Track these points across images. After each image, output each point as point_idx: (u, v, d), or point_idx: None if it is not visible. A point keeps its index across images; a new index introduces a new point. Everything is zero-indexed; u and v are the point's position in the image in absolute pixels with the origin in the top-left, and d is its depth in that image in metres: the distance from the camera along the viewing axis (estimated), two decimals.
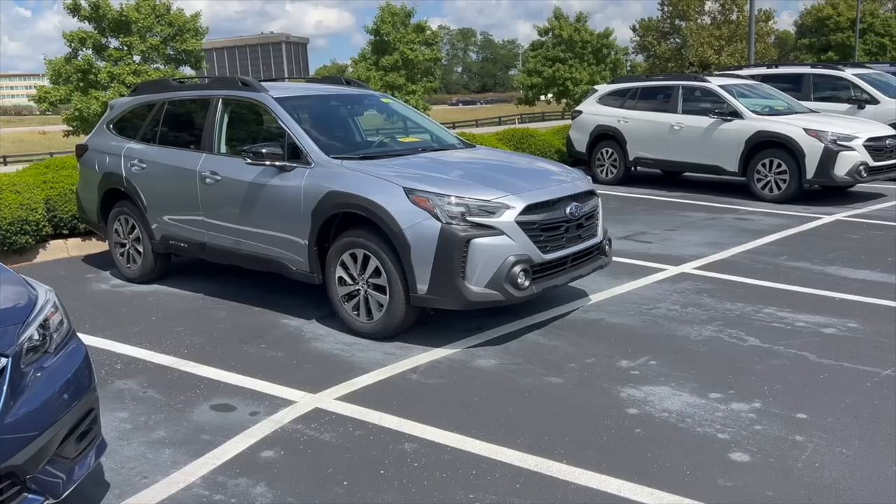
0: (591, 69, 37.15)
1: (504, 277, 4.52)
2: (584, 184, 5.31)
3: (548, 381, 4.17)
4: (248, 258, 5.60)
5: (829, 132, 9.58)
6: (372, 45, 33.50)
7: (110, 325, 5.40)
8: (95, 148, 6.84)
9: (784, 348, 4.58)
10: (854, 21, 43.13)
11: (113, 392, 4.18)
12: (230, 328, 5.26)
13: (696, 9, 48.07)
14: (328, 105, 6.19)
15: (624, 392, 3.99)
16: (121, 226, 6.60)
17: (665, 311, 5.38)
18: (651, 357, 4.48)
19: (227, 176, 5.59)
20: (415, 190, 4.64)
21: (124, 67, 22.56)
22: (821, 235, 7.88)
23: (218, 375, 4.38)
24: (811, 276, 6.24)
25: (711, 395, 3.93)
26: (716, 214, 9.17)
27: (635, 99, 11.78)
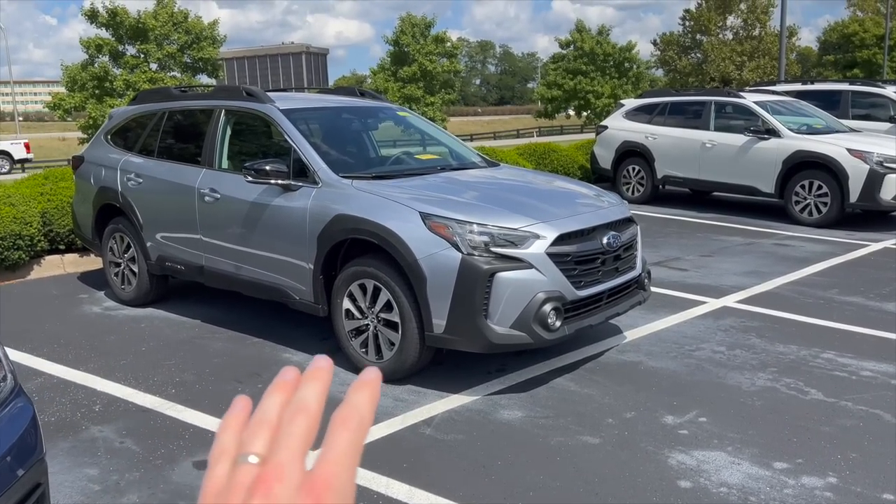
0: (613, 83, 36.61)
1: (532, 317, 3.98)
2: (621, 210, 4.77)
3: (583, 440, 3.62)
4: (248, 284, 5.10)
5: (875, 153, 8.97)
6: (391, 56, 33.18)
7: (95, 356, 4.91)
8: (92, 160, 6.40)
9: (853, 404, 3.99)
10: (881, 38, 42.30)
11: (86, 441, 3.68)
12: (226, 363, 4.75)
13: (718, 24, 47.42)
14: (339, 118, 5.70)
15: (672, 458, 3.43)
16: (116, 244, 6.14)
17: (710, 353, 4.81)
18: (700, 412, 3.91)
19: (227, 194, 5.10)
20: (433, 215, 4.13)
21: (140, 75, 22.28)
22: (871, 266, 7.26)
23: (206, 422, 3.87)
24: (869, 313, 5.64)
25: (776, 464, 3.35)
26: (753, 239, 8.58)
27: (664, 115, 11.21)
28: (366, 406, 0.45)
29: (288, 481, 0.42)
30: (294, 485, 0.42)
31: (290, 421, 0.44)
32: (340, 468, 0.42)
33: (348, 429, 0.43)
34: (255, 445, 0.44)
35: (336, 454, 0.43)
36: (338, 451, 0.43)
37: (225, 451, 0.45)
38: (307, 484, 0.42)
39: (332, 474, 0.42)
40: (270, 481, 0.42)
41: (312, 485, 0.42)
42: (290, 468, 0.42)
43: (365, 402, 0.45)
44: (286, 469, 0.42)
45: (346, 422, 0.44)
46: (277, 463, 0.43)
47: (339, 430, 0.43)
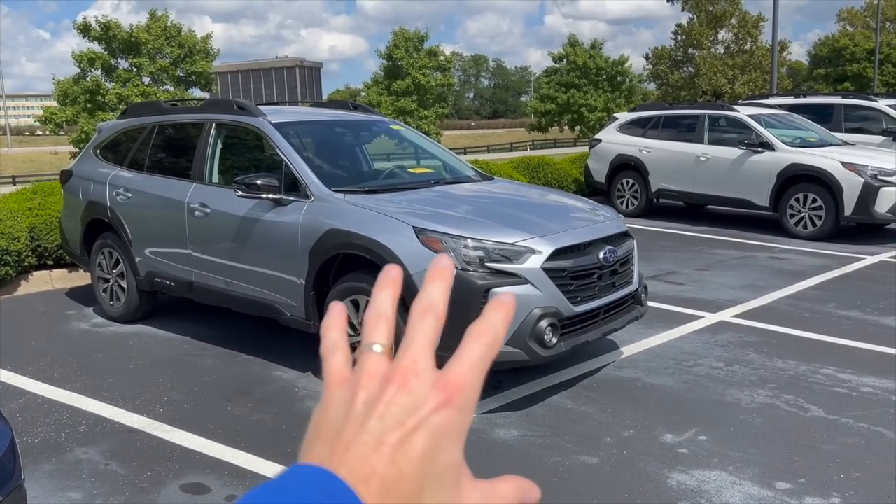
0: (606, 96, 36.73)
1: (528, 334, 3.91)
2: (617, 224, 4.71)
3: (581, 460, 3.53)
4: (238, 300, 5.01)
5: (869, 166, 8.96)
6: (384, 70, 33.22)
7: (82, 375, 4.80)
8: (80, 174, 6.31)
9: (854, 422, 3.92)
10: (871, 52, 42.67)
11: (70, 464, 3.57)
12: (215, 381, 4.65)
13: (710, 38, 47.77)
14: (332, 132, 5.64)
15: (672, 478, 3.35)
16: (104, 259, 6.04)
17: (708, 369, 4.74)
18: (699, 430, 3.83)
19: (217, 209, 5.02)
20: (426, 230, 4.06)
21: (132, 89, 22.20)
22: (867, 279, 7.22)
23: (194, 443, 3.77)
24: (867, 328, 5.58)
25: (779, 484, 3.28)
26: (748, 252, 8.53)
27: (658, 128, 11.20)
28: (501, 325, 0.45)
29: (423, 376, 0.43)
30: (428, 380, 0.43)
31: (420, 318, 0.45)
32: (472, 375, 0.43)
33: (483, 342, 0.44)
34: (377, 336, 0.46)
35: (469, 361, 0.44)
36: (471, 359, 0.44)
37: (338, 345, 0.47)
38: (441, 382, 0.43)
39: (464, 378, 0.43)
40: (407, 373, 0.43)
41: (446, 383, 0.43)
42: (423, 364, 0.43)
43: (500, 322, 0.45)
44: (420, 364, 0.43)
45: (483, 335, 0.44)
46: (412, 357, 0.44)
47: (475, 340, 0.44)
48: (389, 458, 0.41)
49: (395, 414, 0.42)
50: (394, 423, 0.42)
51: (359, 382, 0.44)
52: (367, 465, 0.41)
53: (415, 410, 0.42)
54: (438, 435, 0.42)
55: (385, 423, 0.42)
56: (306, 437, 0.44)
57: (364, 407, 0.43)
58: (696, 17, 47.35)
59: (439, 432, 0.42)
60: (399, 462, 0.41)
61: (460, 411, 0.43)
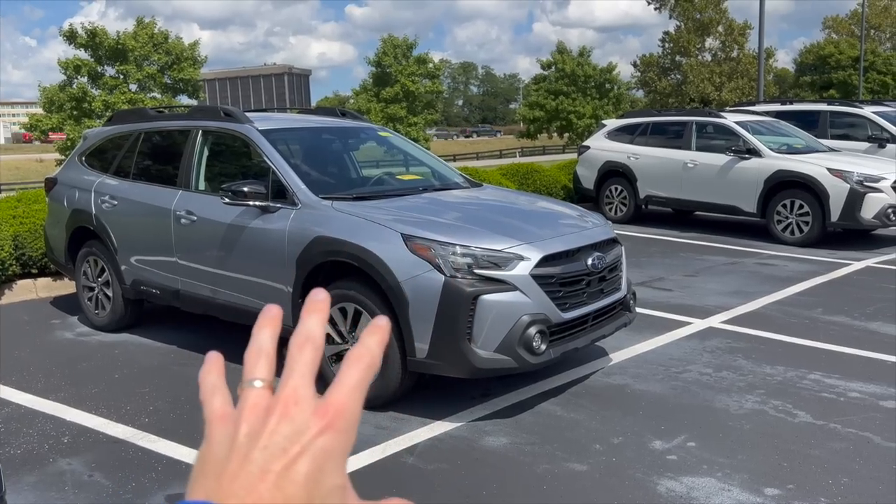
0: (595, 103, 36.89)
1: (517, 340, 3.89)
2: (606, 231, 4.71)
3: (570, 468, 3.52)
4: (225, 309, 4.97)
5: (855, 172, 9.03)
6: (373, 77, 33.25)
7: (66, 385, 4.74)
8: (65, 182, 6.26)
9: (842, 427, 3.93)
10: (856, 59, 43.11)
11: (53, 475, 3.52)
12: None
13: (697, 46, 48.13)
14: (320, 139, 5.62)
15: (661, 485, 3.34)
16: (89, 268, 5.98)
17: (697, 375, 4.74)
18: (688, 436, 3.83)
19: (203, 216, 4.99)
20: (414, 237, 4.04)
21: (119, 96, 22.07)
22: (854, 285, 7.26)
23: (180, 453, 3.73)
24: (854, 333, 5.61)
25: (767, 490, 3.27)
26: (736, 258, 8.57)
27: (646, 135, 11.25)
28: (377, 348, 0.47)
29: (303, 404, 0.44)
30: (309, 408, 0.44)
31: (299, 349, 0.46)
32: (351, 399, 0.45)
33: (360, 366, 0.46)
34: (257, 372, 0.47)
35: (348, 386, 0.45)
36: (350, 383, 0.45)
37: (217, 387, 0.48)
38: (321, 408, 0.44)
39: (343, 402, 0.44)
40: (288, 402, 0.44)
41: (326, 409, 0.44)
42: (303, 392, 0.45)
43: (376, 345, 0.47)
44: (300, 392, 0.44)
45: (360, 359, 0.46)
46: (292, 386, 0.45)
47: (352, 365, 0.46)
48: (275, 486, 0.42)
49: (277, 443, 0.43)
50: (277, 452, 0.43)
51: (241, 417, 0.45)
52: (254, 494, 0.42)
53: (297, 437, 0.43)
54: (321, 459, 0.43)
55: (269, 453, 0.43)
56: (192, 474, 0.45)
57: (247, 439, 0.44)
58: (683, 24, 47.71)
59: (322, 456, 0.43)
60: (284, 488, 0.42)
61: (342, 434, 0.44)
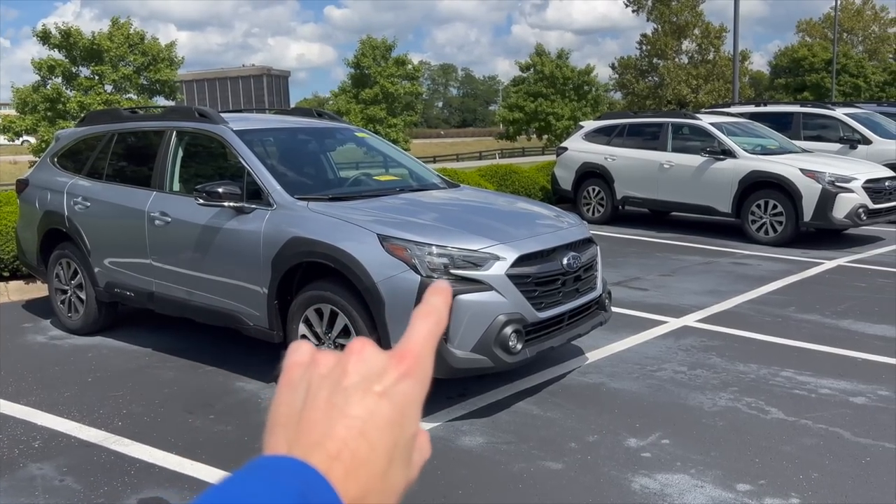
0: (573, 105, 37.08)
1: (493, 340, 3.90)
2: (581, 231, 4.74)
3: (545, 466, 3.53)
4: (200, 311, 4.93)
5: (827, 173, 9.17)
6: (352, 79, 33.14)
7: (38, 389, 4.68)
8: (37, 183, 6.17)
9: (813, 423, 3.99)
10: (828, 62, 43.76)
11: (24, 480, 3.47)
12: (176, 393, 4.56)
13: (674, 48, 48.59)
14: (295, 139, 5.60)
15: (636, 482, 3.37)
16: (62, 270, 5.90)
17: (671, 373, 4.79)
18: (663, 434, 3.86)
19: (178, 217, 4.94)
20: (390, 237, 4.04)
21: (94, 97, 21.79)
22: (826, 283, 7.37)
23: (154, 457, 3.69)
24: (825, 331, 5.70)
25: (739, 486, 3.31)
26: (711, 258, 8.66)
27: (623, 136, 11.34)
28: (443, 307, 0.47)
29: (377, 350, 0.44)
30: (383, 353, 0.44)
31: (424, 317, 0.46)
32: (424, 348, 0.44)
33: (429, 320, 0.46)
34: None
35: (421, 336, 0.45)
36: (422, 334, 0.45)
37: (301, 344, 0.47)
38: (397, 354, 0.44)
39: (419, 350, 0.44)
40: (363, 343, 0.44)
41: (403, 354, 0.43)
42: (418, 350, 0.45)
43: (442, 304, 0.47)
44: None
45: (428, 315, 0.46)
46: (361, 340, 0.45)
47: (421, 320, 0.46)
48: (359, 432, 0.40)
49: (357, 384, 0.41)
50: (357, 394, 0.41)
51: (317, 359, 0.44)
52: (338, 442, 0.40)
53: (378, 379, 0.42)
54: (403, 404, 0.42)
55: (348, 395, 0.41)
56: (267, 425, 0.43)
57: (326, 381, 0.42)
58: (660, 27, 48.15)
59: (403, 401, 0.42)
60: (368, 434, 0.40)
61: (419, 382, 0.43)
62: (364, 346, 0.44)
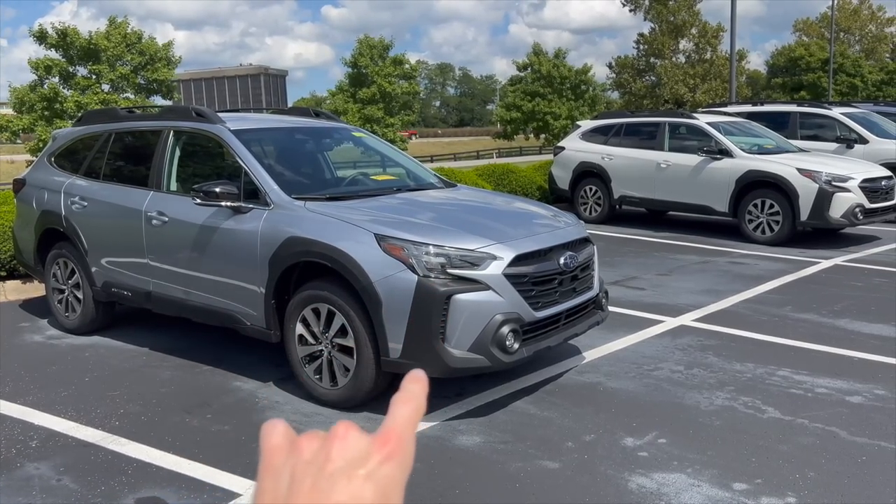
0: (570, 104, 37.09)
1: (490, 339, 3.91)
2: (578, 230, 4.75)
3: (542, 465, 3.54)
4: (197, 310, 4.93)
5: (824, 172, 9.19)
6: (349, 78, 33.11)
7: (35, 388, 4.67)
8: (34, 183, 6.16)
9: (809, 422, 4.00)
10: (825, 61, 43.83)
11: (20, 479, 3.47)
12: (173, 393, 4.56)
13: (671, 48, 48.65)
14: (293, 139, 5.60)
15: (632, 481, 3.38)
16: (59, 270, 5.90)
17: (668, 372, 4.80)
18: (659, 433, 3.87)
19: (175, 217, 4.94)
20: (387, 237, 4.04)
21: (92, 96, 21.75)
22: (822, 283, 7.39)
23: (151, 456, 3.69)
24: (822, 330, 5.71)
25: (736, 485, 3.32)
26: (708, 258, 8.68)
27: (620, 135, 11.35)
28: (421, 393, 0.47)
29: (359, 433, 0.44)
30: (366, 437, 0.44)
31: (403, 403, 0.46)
32: (406, 431, 0.45)
33: (410, 406, 0.46)
34: None
35: (403, 419, 0.45)
36: (404, 418, 0.45)
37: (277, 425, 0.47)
38: (381, 437, 0.44)
39: (401, 433, 0.44)
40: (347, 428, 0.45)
41: (386, 437, 0.44)
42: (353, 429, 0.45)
43: (419, 390, 0.47)
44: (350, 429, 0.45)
45: (408, 401, 0.46)
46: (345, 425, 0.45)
47: (401, 404, 0.46)
48: None
49: (342, 469, 0.42)
50: (342, 478, 0.42)
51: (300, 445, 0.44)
52: None
53: (361, 463, 0.42)
54: (386, 486, 0.42)
55: (334, 481, 0.41)
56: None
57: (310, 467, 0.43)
58: (657, 27, 48.20)
59: (387, 483, 0.42)
60: None
61: (402, 464, 0.44)
62: (348, 431, 0.44)
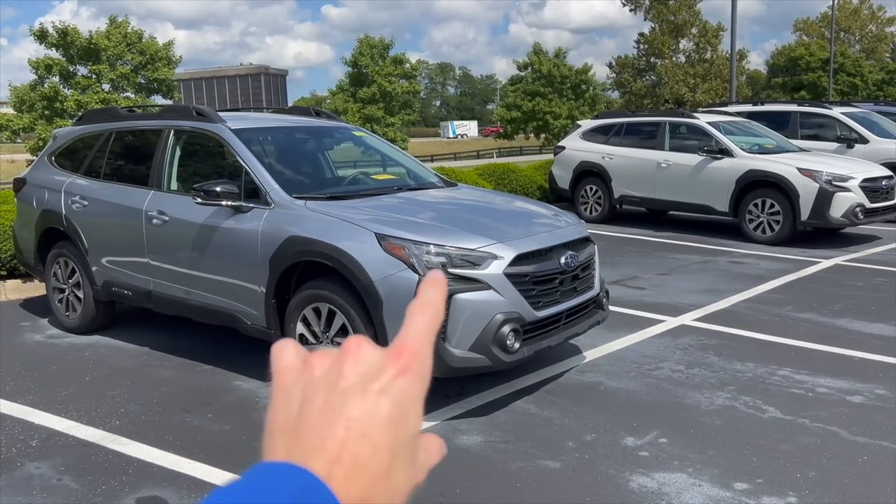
0: (570, 104, 37.09)
1: (491, 339, 3.91)
2: (578, 230, 4.75)
3: (543, 465, 3.54)
4: (198, 310, 4.93)
5: (824, 172, 9.19)
6: (350, 78, 33.12)
7: (35, 388, 4.67)
8: (35, 182, 6.16)
9: (810, 422, 4.00)
10: (826, 61, 43.81)
11: (21, 479, 3.47)
12: (174, 392, 4.56)
13: (671, 47, 48.62)
14: (293, 138, 5.59)
15: (633, 481, 3.37)
16: (60, 269, 5.89)
17: (669, 372, 4.79)
18: (660, 433, 3.87)
19: (176, 216, 4.94)
20: (388, 236, 4.04)
21: (92, 96, 21.77)
22: (823, 282, 7.39)
23: (151, 456, 3.69)
24: (822, 329, 5.71)
25: (737, 485, 3.32)
26: (709, 257, 8.67)
27: (620, 135, 11.34)
28: (439, 299, 0.46)
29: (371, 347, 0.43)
30: (379, 350, 0.43)
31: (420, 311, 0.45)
32: (423, 343, 0.44)
33: (426, 314, 0.45)
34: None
35: (418, 331, 0.44)
36: (419, 329, 0.44)
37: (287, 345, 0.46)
38: (395, 350, 0.42)
39: (417, 345, 0.43)
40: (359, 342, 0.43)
41: (400, 350, 0.42)
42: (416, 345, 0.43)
43: (437, 296, 0.46)
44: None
45: (424, 308, 0.45)
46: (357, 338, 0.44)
47: (418, 314, 0.45)
48: (360, 433, 0.39)
49: (354, 384, 0.41)
50: (356, 394, 0.40)
51: (311, 362, 0.43)
52: (338, 445, 0.39)
53: (375, 377, 0.41)
54: (403, 401, 0.41)
55: (346, 396, 0.40)
56: (265, 431, 0.42)
57: (322, 384, 0.41)
58: (657, 26, 48.15)
59: (403, 398, 0.41)
60: (369, 433, 0.39)
61: (419, 378, 0.42)
62: (360, 345, 0.43)
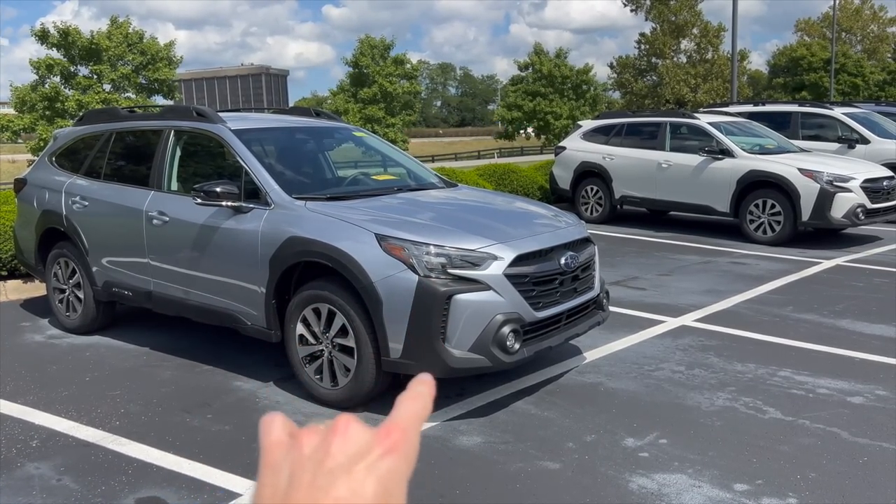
0: (571, 104, 37.11)
1: (491, 339, 3.90)
2: (579, 230, 4.74)
3: (543, 466, 3.54)
4: (198, 310, 4.93)
5: (825, 173, 9.18)
6: (350, 78, 33.14)
7: (35, 388, 4.67)
8: (35, 182, 6.16)
9: (810, 423, 3.99)
10: (827, 61, 43.79)
11: (21, 479, 3.47)
12: (174, 392, 4.56)
13: (672, 47, 48.59)
14: (293, 139, 5.59)
15: (633, 482, 3.37)
16: (60, 269, 5.89)
17: (669, 373, 4.79)
18: (660, 433, 3.87)
19: (176, 217, 4.94)
20: (388, 237, 4.04)
21: (93, 96, 21.79)
22: (824, 283, 7.38)
23: (151, 456, 3.69)
24: (823, 330, 5.70)
25: (737, 486, 3.32)
26: (709, 258, 8.67)
27: (621, 135, 11.34)
28: (428, 395, 0.47)
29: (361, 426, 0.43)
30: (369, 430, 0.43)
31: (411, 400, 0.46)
32: (411, 425, 0.44)
33: (416, 403, 0.46)
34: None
35: (409, 413, 0.45)
36: (409, 413, 0.45)
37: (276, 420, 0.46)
38: (384, 429, 0.43)
39: (405, 427, 0.44)
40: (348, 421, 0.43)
41: (389, 430, 0.43)
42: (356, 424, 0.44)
43: (427, 392, 0.47)
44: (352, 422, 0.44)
45: (415, 399, 0.46)
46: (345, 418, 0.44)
47: (409, 401, 0.46)
48: None
49: (342, 464, 0.41)
50: (342, 475, 0.41)
51: (301, 440, 0.43)
52: None
53: (361, 457, 0.41)
54: (388, 480, 0.41)
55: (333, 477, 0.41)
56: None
57: (309, 462, 0.42)
58: (658, 26, 48.13)
59: (388, 478, 0.41)
60: None
61: (405, 459, 0.42)
62: (348, 424, 0.43)
